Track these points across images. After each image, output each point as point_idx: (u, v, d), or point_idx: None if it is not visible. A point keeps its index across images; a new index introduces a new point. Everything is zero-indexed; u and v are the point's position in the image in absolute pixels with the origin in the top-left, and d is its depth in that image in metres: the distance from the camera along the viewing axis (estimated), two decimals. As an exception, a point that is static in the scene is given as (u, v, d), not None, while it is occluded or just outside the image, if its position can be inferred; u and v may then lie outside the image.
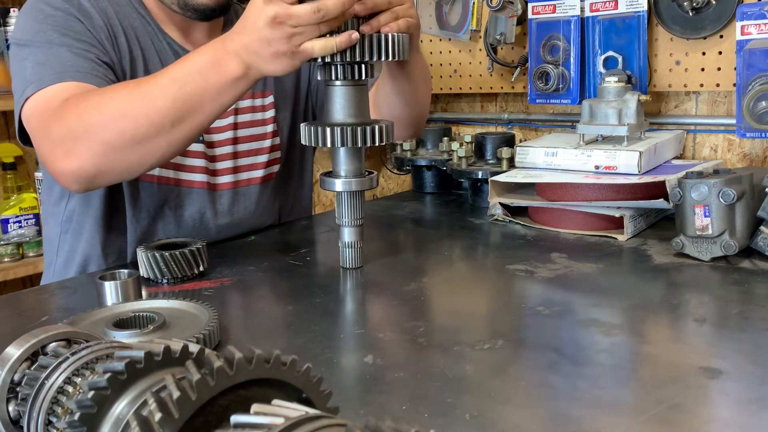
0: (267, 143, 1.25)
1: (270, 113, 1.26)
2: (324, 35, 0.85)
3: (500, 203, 1.26)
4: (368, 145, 0.92)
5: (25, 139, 1.03)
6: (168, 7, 1.11)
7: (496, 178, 1.26)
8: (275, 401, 0.34)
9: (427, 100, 1.29)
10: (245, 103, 1.22)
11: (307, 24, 0.83)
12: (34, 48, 1.00)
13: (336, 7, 0.83)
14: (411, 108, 1.21)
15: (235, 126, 1.21)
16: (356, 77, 0.91)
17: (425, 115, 1.32)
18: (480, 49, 1.62)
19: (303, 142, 0.95)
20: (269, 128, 1.25)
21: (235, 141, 1.21)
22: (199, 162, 1.17)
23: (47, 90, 0.96)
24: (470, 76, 1.66)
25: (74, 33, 1.02)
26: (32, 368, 0.48)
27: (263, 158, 1.24)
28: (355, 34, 0.86)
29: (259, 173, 1.24)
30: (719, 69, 1.30)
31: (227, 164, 1.20)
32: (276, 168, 1.28)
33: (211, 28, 1.18)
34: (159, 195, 1.14)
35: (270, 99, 1.26)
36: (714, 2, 1.26)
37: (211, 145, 1.18)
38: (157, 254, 0.94)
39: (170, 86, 0.89)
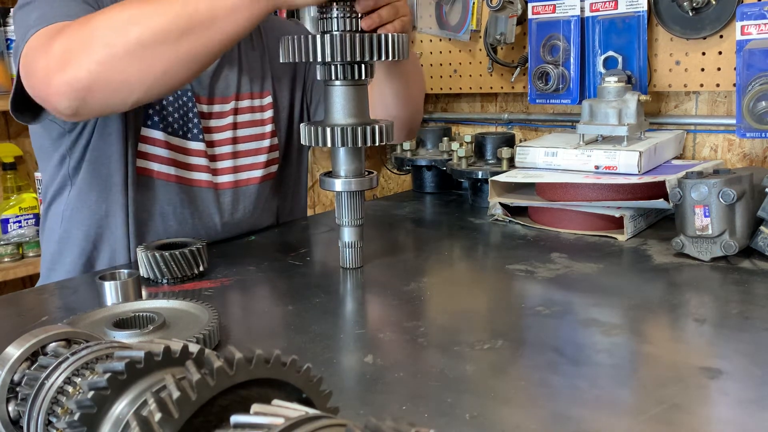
0: (266, 143, 1.25)
1: (269, 113, 1.26)
2: None
3: (500, 203, 1.26)
4: (368, 145, 0.92)
5: (17, 107, 0.98)
6: None
7: (496, 178, 1.26)
8: (275, 401, 0.34)
9: (421, 98, 1.29)
10: (244, 103, 1.23)
11: None
12: (39, 2, 0.97)
13: None
14: (405, 107, 1.22)
15: (235, 126, 1.21)
16: (356, 77, 0.91)
17: (420, 115, 1.32)
18: (480, 49, 1.61)
19: (303, 142, 0.95)
20: (268, 128, 1.26)
21: (234, 141, 1.21)
22: (201, 161, 1.17)
23: (52, 26, 0.91)
24: (470, 76, 1.66)
25: None
26: (32, 368, 0.48)
27: (262, 158, 1.25)
28: None
29: (258, 173, 1.25)
30: (719, 69, 1.30)
31: (227, 164, 1.21)
32: (275, 168, 1.28)
33: None
34: (162, 192, 1.14)
35: (268, 99, 1.26)
36: (714, 2, 1.26)
37: (211, 144, 1.19)
38: (157, 254, 0.94)
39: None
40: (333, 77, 0.91)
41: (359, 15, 0.90)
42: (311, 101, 1.35)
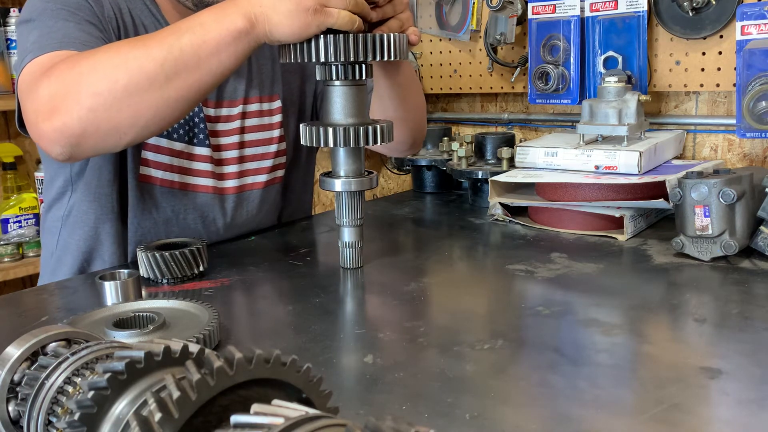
0: (273, 148, 1.24)
1: (277, 118, 1.24)
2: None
3: (500, 203, 1.26)
4: (368, 145, 0.92)
5: (22, 123, 0.99)
6: (183, 4, 1.09)
7: (496, 178, 1.26)
8: (275, 401, 0.34)
9: (423, 111, 1.27)
10: (253, 107, 1.21)
11: None
12: (39, 22, 0.97)
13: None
14: (407, 119, 1.19)
15: (242, 130, 1.20)
16: (355, 77, 0.91)
17: (423, 128, 1.29)
18: (480, 49, 1.61)
19: (303, 142, 0.95)
20: (276, 133, 1.24)
21: (241, 145, 1.20)
22: (206, 166, 1.16)
23: (46, 55, 0.92)
24: (470, 76, 1.66)
25: (83, 14, 0.99)
26: (32, 368, 0.48)
27: (268, 163, 1.23)
28: (360, 22, 0.86)
29: (262, 177, 1.23)
30: (719, 69, 1.31)
31: (233, 168, 1.19)
32: (280, 173, 1.27)
33: None
34: (164, 199, 1.13)
35: (278, 103, 1.24)
36: (714, 2, 1.26)
37: (218, 148, 1.17)
38: (157, 254, 0.94)
39: (168, 37, 0.86)
40: (332, 77, 0.91)
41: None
42: (320, 106, 1.33)
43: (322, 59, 0.87)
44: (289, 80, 1.27)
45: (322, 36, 0.86)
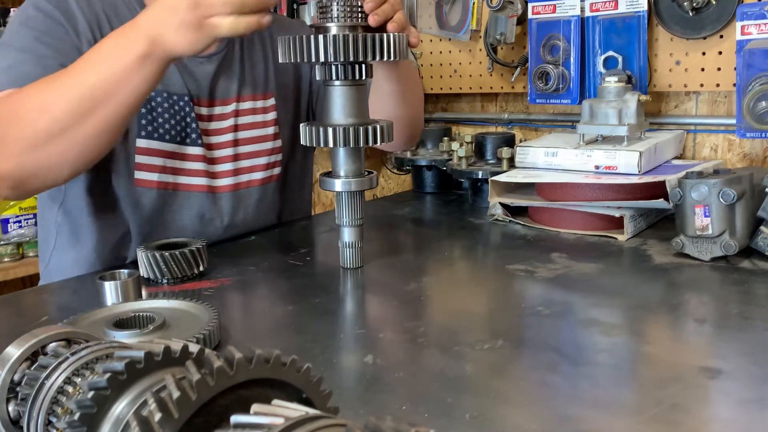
0: (268, 145, 1.24)
1: (271, 115, 1.25)
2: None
3: (500, 203, 1.26)
4: (368, 145, 0.92)
5: None
6: None
7: (496, 178, 1.26)
8: (275, 401, 0.34)
9: (421, 104, 1.28)
10: (246, 105, 1.21)
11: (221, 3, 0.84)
12: (6, 50, 1.00)
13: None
14: (405, 111, 1.20)
15: (236, 128, 1.20)
16: (355, 77, 0.91)
17: (420, 121, 1.30)
18: (480, 49, 1.61)
19: (303, 142, 0.95)
20: (270, 130, 1.25)
21: (235, 143, 1.20)
22: (199, 165, 1.16)
23: None
24: (470, 76, 1.66)
25: (50, 38, 1.01)
26: (32, 368, 0.48)
27: (263, 160, 1.24)
28: (266, 18, 0.85)
29: (258, 175, 1.23)
30: (719, 69, 1.30)
31: (227, 167, 1.20)
32: (277, 170, 1.27)
33: None
34: (158, 200, 1.13)
35: (271, 101, 1.25)
36: (714, 2, 1.26)
37: (210, 147, 1.18)
38: (157, 254, 0.94)
39: (79, 74, 0.88)
40: (332, 77, 0.91)
41: (360, 15, 0.90)
42: (316, 104, 1.34)
43: (322, 59, 0.87)
44: (282, 79, 1.28)
45: (321, 36, 0.86)
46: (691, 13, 1.28)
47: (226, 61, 1.19)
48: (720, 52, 1.30)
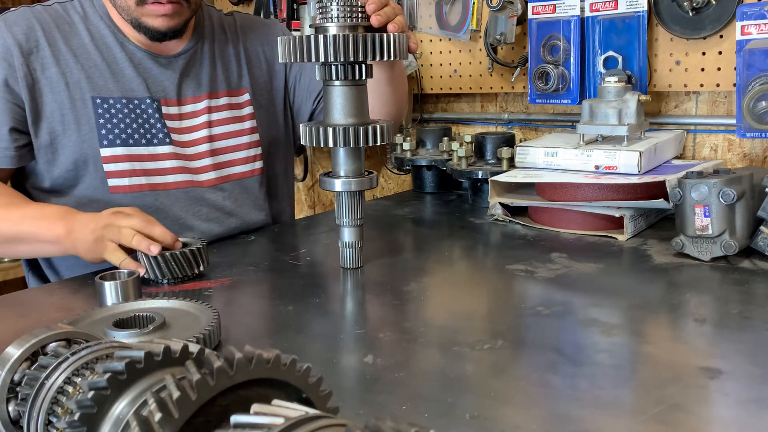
0: (245, 139, 1.27)
1: (247, 110, 1.28)
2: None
3: (500, 203, 1.26)
4: (368, 145, 0.92)
5: None
6: (128, 23, 1.14)
7: (496, 178, 1.26)
8: (275, 401, 0.34)
9: (405, 100, 1.36)
10: (220, 101, 1.25)
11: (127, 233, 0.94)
12: None
13: (161, 236, 0.95)
14: (394, 98, 1.27)
15: (210, 124, 1.23)
16: (355, 77, 0.91)
17: (406, 105, 1.39)
18: (480, 49, 1.61)
19: (303, 142, 0.95)
20: (247, 125, 1.28)
21: (210, 139, 1.23)
22: (174, 163, 1.18)
23: None
24: (470, 76, 1.66)
25: None
26: (32, 368, 0.48)
27: (242, 154, 1.27)
28: (154, 247, 0.93)
29: (240, 168, 1.27)
30: (719, 69, 1.30)
31: (206, 162, 1.22)
32: (259, 164, 1.30)
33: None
34: (137, 202, 1.13)
35: (246, 96, 1.29)
36: (714, 2, 1.26)
37: (183, 144, 1.20)
38: (157, 254, 0.94)
39: (17, 218, 1.04)
40: (332, 77, 0.91)
41: (360, 15, 0.90)
42: (294, 101, 1.37)
43: (322, 59, 0.87)
44: (256, 75, 1.32)
45: (321, 36, 0.86)
46: (691, 13, 1.28)
47: (193, 61, 1.22)
48: (720, 52, 1.30)
